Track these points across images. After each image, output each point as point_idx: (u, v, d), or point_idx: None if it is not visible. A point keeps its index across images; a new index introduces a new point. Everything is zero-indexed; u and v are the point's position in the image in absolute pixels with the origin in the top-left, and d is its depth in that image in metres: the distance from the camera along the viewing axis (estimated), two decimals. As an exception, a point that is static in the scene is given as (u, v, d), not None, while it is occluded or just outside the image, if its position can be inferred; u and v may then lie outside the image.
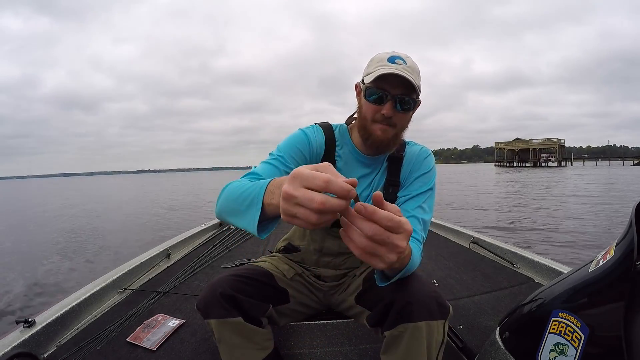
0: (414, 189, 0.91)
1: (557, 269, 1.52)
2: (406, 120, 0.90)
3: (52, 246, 6.19)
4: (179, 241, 2.34)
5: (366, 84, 0.86)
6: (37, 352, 1.09)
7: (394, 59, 0.83)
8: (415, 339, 0.72)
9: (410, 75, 0.81)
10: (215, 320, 0.79)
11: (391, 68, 0.81)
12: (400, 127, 0.89)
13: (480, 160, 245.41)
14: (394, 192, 0.94)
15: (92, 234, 7.44)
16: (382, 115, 0.85)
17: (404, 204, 0.89)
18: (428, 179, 0.93)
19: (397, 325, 0.73)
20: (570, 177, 24.30)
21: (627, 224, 0.62)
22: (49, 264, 4.93)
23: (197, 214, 9.91)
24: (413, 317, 0.71)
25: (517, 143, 66.00)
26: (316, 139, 0.93)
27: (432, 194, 0.92)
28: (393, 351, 0.75)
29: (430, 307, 0.73)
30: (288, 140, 0.92)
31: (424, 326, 0.71)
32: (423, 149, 0.99)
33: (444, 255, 2.08)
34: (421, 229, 0.85)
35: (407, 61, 0.84)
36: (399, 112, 0.85)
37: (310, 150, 0.92)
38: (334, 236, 0.99)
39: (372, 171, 0.96)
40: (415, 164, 0.95)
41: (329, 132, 0.96)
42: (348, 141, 0.96)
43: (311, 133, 0.94)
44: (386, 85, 0.83)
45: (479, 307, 1.37)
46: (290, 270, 1.00)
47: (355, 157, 0.95)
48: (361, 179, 0.95)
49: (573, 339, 0.63)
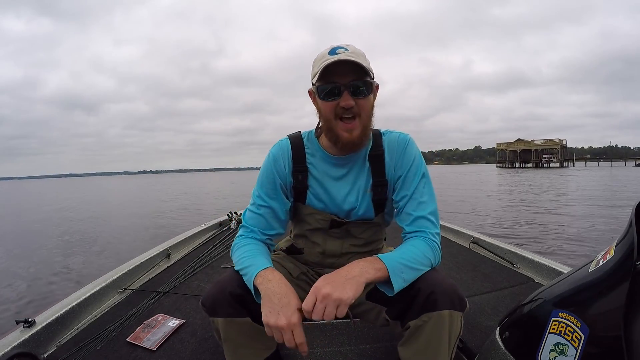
0: (407, 186, 0.89)
1: (557, 269, 1.52)
2: (368, 107, 0.86)
3: (52, 246, 6.19)
4: (179, 241, 2.34)
5: (316, 84, 0.84)
6: (37, 352, 1.09)
7: (335, 50, 0.82)
8: (438, 327, 0.72)
9: (356, 58, 0.79)
10: (222, 319, 0.78)
11: (334, 58, 0.79)
12: (365, 116, 0.85)
13: (482, 161, 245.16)
14: (383, 191, 0.93)
15: (92, 234, 7.44)
16: (342, 109, 0.82)
17: (406, 206, 0.88)
18: (416, 169, 0.90)
19: (421, 315, 0.73)
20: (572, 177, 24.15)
21: (627, 224, 0.62)
22: (49, 263, 4.93)
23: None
24: (437, 305, 0.72)
25: (519, 144, 65.66)
26: (282, 156, 0.94)
27: (427, 182, 0.89)
28: (414, 341, 0.75)
29: (453, 298, 0.73)
30: (261, 175, 0.95)
31: (447, 315, 0.72)
32: (401, 137, 0.94)
33: (444, 255, 2.07)
34: (428, 224, 0.85)
35: (349, 48, 0.82)
36: (358, 98, 0.82)
37: (279, 172, 0.94)
38: (335, 237, 0.98)
39: (350, 170, 0.93)
40: (397, 156, 0.92)
41: (297, 142, 0.96)
42: (317, 147, 0.95)
43: (277, 151, 0.95)
44: (335, 78, 0.81)
45: (479, 307, 1.37)
46: (296, 269, 1.00)
47: (327, 161, 0.94)
48: (339, 181, 0.93)
49: (573, 339, 0.63)
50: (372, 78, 0.85)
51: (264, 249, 0.89)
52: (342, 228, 0.96)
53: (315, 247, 1.00)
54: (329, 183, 0.94)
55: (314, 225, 0.97)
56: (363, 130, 0.86)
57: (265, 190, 0.93)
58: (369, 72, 0.83)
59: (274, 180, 0.93)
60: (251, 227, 0.92)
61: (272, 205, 0.92)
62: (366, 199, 0.93)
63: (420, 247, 0.81)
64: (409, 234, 0.86)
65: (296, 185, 0.94)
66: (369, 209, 0.94)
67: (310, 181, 0.94)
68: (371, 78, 0.85)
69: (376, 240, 1.03)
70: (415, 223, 0.85)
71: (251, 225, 0.92)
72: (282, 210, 0.94)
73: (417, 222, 0.85)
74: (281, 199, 0.94)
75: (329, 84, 0.82)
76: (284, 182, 0.94)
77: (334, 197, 0.93)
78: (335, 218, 0.95)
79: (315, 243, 1.00)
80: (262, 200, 0.93)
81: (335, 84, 0.82)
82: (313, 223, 0.97)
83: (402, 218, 0.89)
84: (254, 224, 0.92)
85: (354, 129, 0.84)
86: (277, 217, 0.93)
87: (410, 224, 0.86)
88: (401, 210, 0.89)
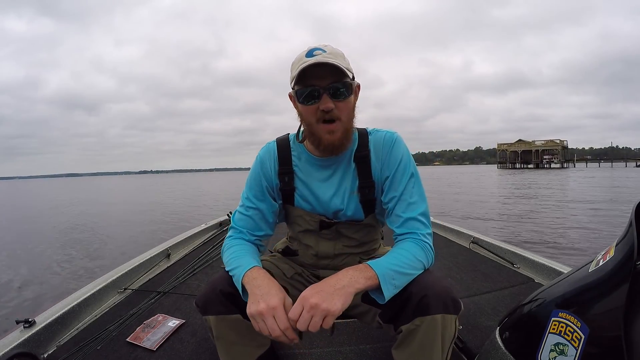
0: (395, 187, 0.87)
1: (557, 269, 1.52)
2: (349, 109, 0.84)
3: (52, 246, 6.20)
4: (179, 241, 2.34)
5: (295, 88, 0.83)
6: (37, 352, 1.09)
7: (312, 52, 0.80)
8: (431, 331, 0.72)
9: (334, 60, 0.78)
10: (214, 317, 0.79)
11: (311, 61, 0.78)
12: (346, 119, 0.84)
13: (483, 162, 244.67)
14: (370, 192, 0.91)
15: (93, 234, 7.44)
16: (322, 112, 0.81)
17: (395, 208, 0.86)
18: (404, 168, 0.88)
19: (414, 319, 0.73)
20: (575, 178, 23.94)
21: (627, 224, 0.62)
22: (49, 263, 4.94)
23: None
24: (430, 310, 0.71)
25: (520, 144, 65.56)
26: (269, 159, 0.96)
27: (416, 182, 0.88)
28: (407, 345, 0.75)
29: (446, 301, 0.72)
30: (250, 178, 0.97)
31: (440, 319, 0.71)
32: (387, 135, 0.92)
33: (444, 255, 2.08)
34: (419, 226, 0.84)
35: (326, 49, 0.81)
36: (338, 101, 0.81)
37: (265, 175, 0.95)
38: (327, 239, 0.98)
39: (334, 172, 0.93)
40: (383, 156, 0.90)
41: (283, 145, 0.96)
42: (302, 149, 0.95)
43: (264, 154, 0.97)
44: (314, 81, 0.80)
45: (479, 307, 1.37)
46: (290, 270, 1.00)
47: (312, 163, 0.94)
48: (325, 182, 0.93)
49: (573, 339, 0.63)
50: (352, 78, 0.83)
51: (252, 249, 0.90)
52: (332, 229, 0.96)
53: (309, 249, 1.00)
54: (315, 184, 0.93)
55: (304, 227, 0.97)
56: (344, 132, 0.85)
57: (253, 193, 0.95)
58: (347, 74, 0.81)
59: (260, 183, 0.95)
60: (240, 228, 0.94)
61: (260, 207, 0.94)
62: (353, 201, 0.92)
63: (412, 250, 0.79)
64: (400, 236, 0.85)
65: (283, 187, 0.95)
66: (358, 210, 0.93)
67: (296, 183, 0.95)
68: (351, 79, 0.83)
69: (371, 241, 1.02)
70: (406, 225, 0.84)
71: (240, 227, 0.94)
72: (269, 212, 0.95)
73: (407, 223, 0.84)
74: (269, 200, 0.95)
75: (307, 87, 0.81)
76: (270, 185, 0.95)
77: (319, 199, 0.93)
78: (324, 219, 0.94)
79: (308, 245, 1.00)
80: (251, 202, 0.94)
81: (313, 87, 0.80)
82: (303, 224, 0.97)
83: (391, 220, 0.88)
84: (243, 225, 0.94)
85: (335, 131, 0.83)
86: (265, 218, 0.94)
87: (400, 226, 0.85)
88: (390, 212, 0.88)
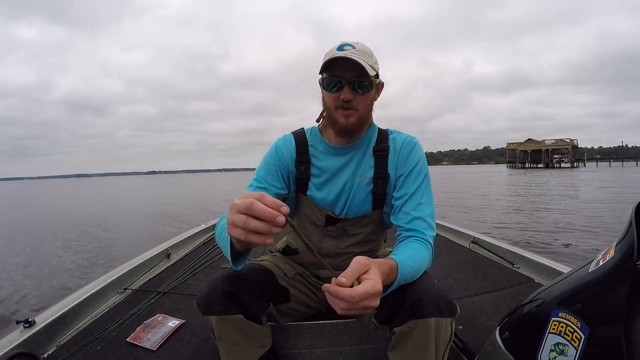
0: (408, 185, 0.92)
1: (557, 269, 1.52)
2: (367, 102, 0.92)
3: (53, 246, 6.19)
4: (179, 241, 2.33)
5: (323, 75, 0.90)
6: (37, 352, 1.09)
7: (343, 47, 0.88)
8: (425, 335, 0.72)
9: (360, 57, 0.85)
10: (215, 317, 0.79)
11: (339, 54, 0.85)
12: (363, 110, 0.91)
13: (491, 162, 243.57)
14: (383, 185, 0.95)
15: (94, 234, 7.44)
16: (342, 101, 0.88)
17: (404, 205, 0.90)
18: (420, 170, 0.94)
19: (407, 322, 0.73)
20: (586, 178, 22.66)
21: (627, 224, 0.62)
22: (49, 263, 4.93)
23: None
24: (423, 313, 0.72)
25: (529, 144, 64.62)
26: (286, 148, 1.00)
27: (427, 185, 0.93)
28: (401, 347, 0.75)
29: (440, 304, 0.73)
30: (263, 161, 1.00)
31: (433, 322, 0.72)
32: (408, 139, 0.98)
33: (444, 255, 2.08)
34: (426, 226, 0.86)
35: (356, 46, 0.88)
36: (358, 94, 0.88)
37: (282, 161, 0.98)
38: (331, 236, 0.99)
39: (350, 160, 0.97)
40: (402, 156, 0.96)
41: (300, 136, 1.02)
42: (320, 139, 1.00)
43: (282, 143, 1.01)
44: (340, 72, 0.87)
45: (479, 307, 1.37)
46: (291, 270, 1.01)
47: (328, 152, 0.99)
48: (341, 170, 0.97)
49: (573, 339, 0.63)
50: (375, 76, 0.90)
51: None
52: (337, 225, 0.97)
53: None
54: (330, 172, 0.97)
55: (311, 218, 0.99)
56: (359, 119, 0.92)
57: (263, 173, 0.97)
58: (370, 71, 0.86)
59: (274, 164, 0.97)
60: None
61: (268, 187, 0.94)
62: (365, 190, 0.95)
63: (424, 254, 0.81)
64: (406, 232, 0.87)
65: (299, 176, 0.98)
66: (367, 201, 0.95)
67: (312, 170, 0.98)
68: (374, 76, 0.89)
69: (375, 241, 1.03)
70: (413, 222, 0.87)
71: None
72: (277, 195, 0.94)
73: (414, 222, 0.87)
74: (280, 182, 0.96)
75: (332, 77, 0.88)
76: (285, 171, 0.98)
77: (334, 185, 0.96)
78: (331, 214, 0.96)
79: (310, 242, 1.00)
80: (259, 182, 0.95)
81: (338, 77, 0.88)
82: (311, 215, 0.98)
83: (399, 217, 0.90)
84: None
85: (350, 116, 0.90)
86: None
87: (408, 223, 0.87)
88: (399, 209, 0.90)
